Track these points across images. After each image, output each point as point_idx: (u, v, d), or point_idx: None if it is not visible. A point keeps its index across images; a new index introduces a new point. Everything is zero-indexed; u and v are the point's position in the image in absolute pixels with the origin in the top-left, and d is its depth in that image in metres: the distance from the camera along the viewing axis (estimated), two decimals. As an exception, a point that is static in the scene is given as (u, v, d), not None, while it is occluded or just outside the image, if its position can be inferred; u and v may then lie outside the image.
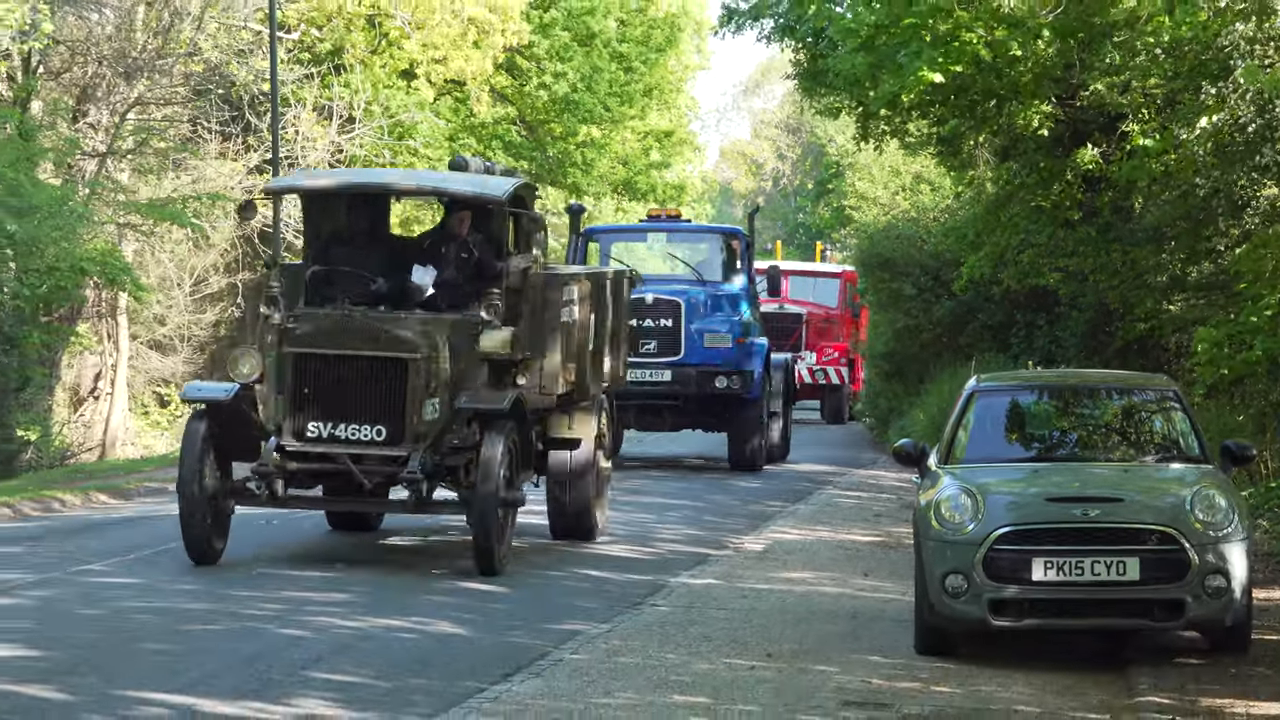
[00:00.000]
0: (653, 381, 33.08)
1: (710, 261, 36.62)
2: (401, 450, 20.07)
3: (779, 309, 50.87)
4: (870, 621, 17.93)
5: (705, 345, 33.67)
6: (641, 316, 32.65)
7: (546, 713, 13.21)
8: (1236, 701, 14.25)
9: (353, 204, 22.71)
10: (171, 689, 13.51)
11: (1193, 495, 15.93)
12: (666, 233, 37.79)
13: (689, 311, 33.92)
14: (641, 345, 32.49)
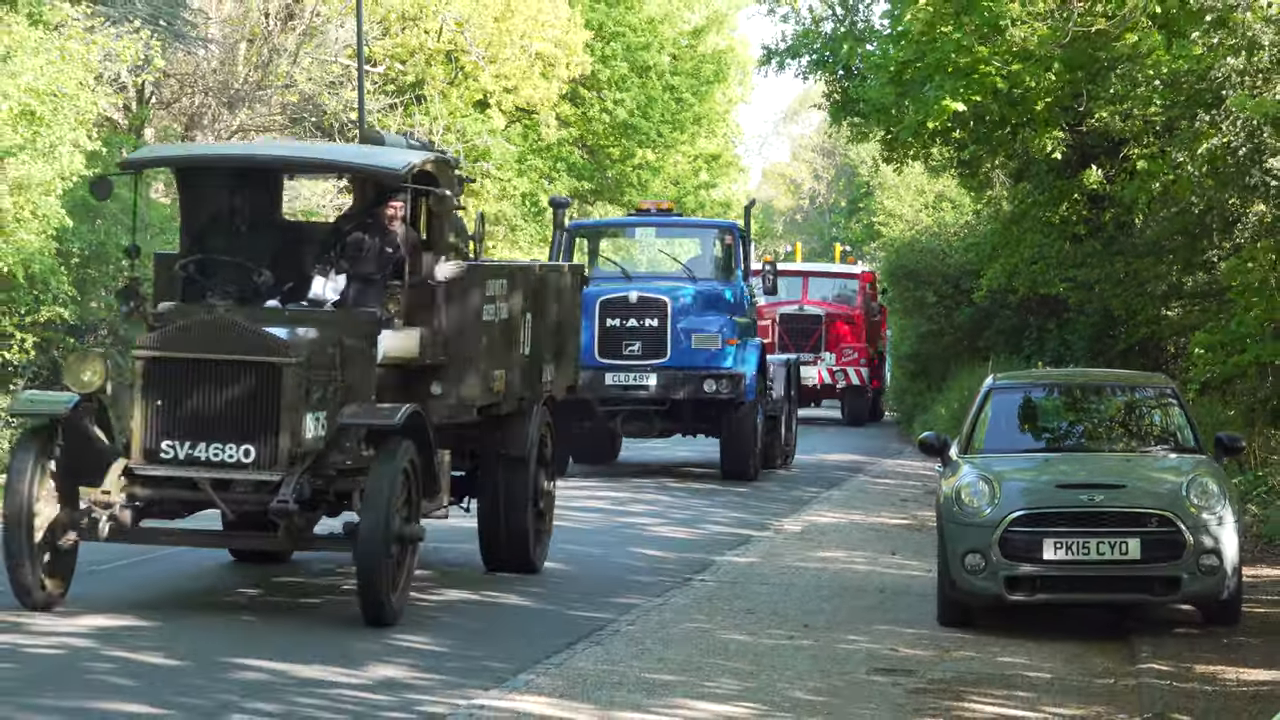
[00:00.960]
0: (637, 386, 28.96)
1: (703, 258, 32.26)
2: (274, 474, 15.22)
3: (799, 310, 49.11)
4: (897, 596, 17.90)
5: (694, 346, 29.23)
6: (625, 316, 29.09)
7: (605, 677, 13.20)
8: (1228, 669, 14.21)
9: (236, 182, 17.77)
10: (265, 656, 13.53)
11: (1188, 482, 15.90)
12: (656, 227, 32.86)
13: (676, 311, 29.38)
14: (626, 347, 28.91)
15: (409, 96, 48.41)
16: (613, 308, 28.97)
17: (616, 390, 28.57)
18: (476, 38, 47.88)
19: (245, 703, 11.86)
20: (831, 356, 48.53)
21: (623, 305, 29.09)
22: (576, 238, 32.12)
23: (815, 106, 60.49)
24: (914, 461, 35.14)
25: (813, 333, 48.52)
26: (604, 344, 28.84)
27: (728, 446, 30.03)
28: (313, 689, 12.46)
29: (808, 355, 46.01)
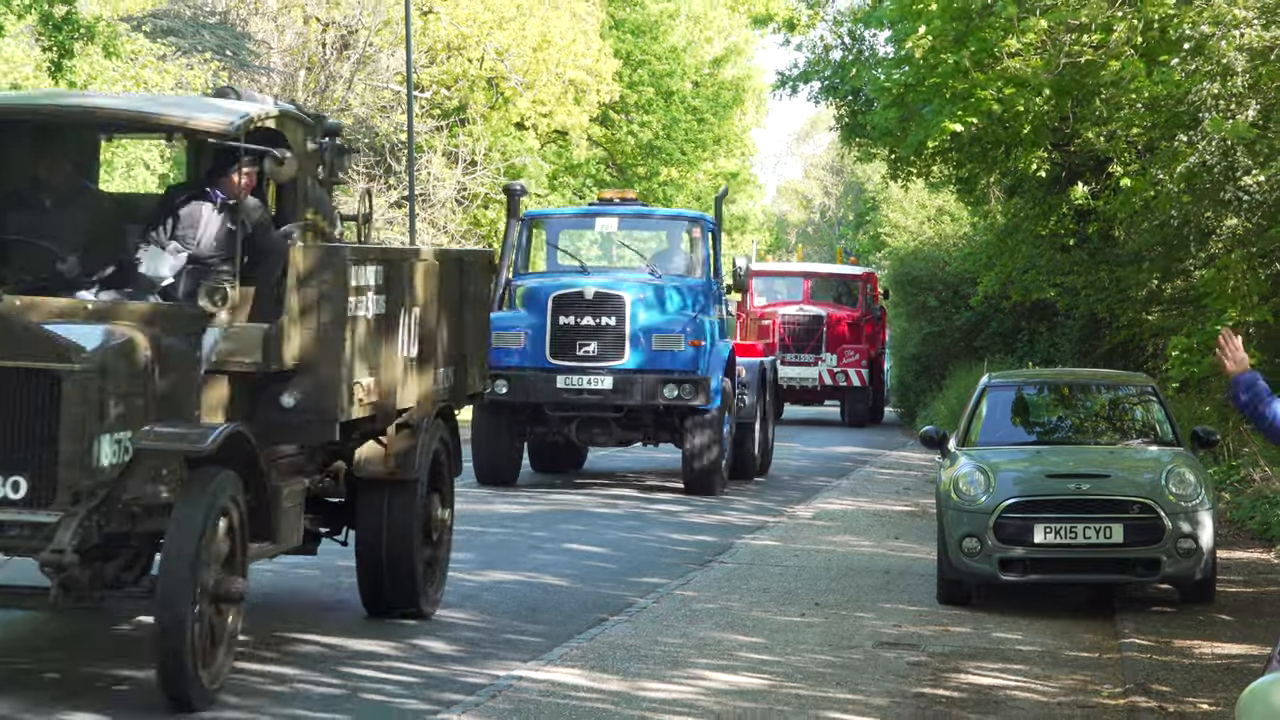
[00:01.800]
0: (591, 390, 24.56)
1: (669, 252, 27.82)
2: (50, 515, 10.80)
3: (800, 311, 46.00)
4: (900, 576, 17.88)
5: (654, 348, 24.80)
6: (580, 314, 24.76)
7: (633, 651, 13.20)
8: (1204, 643, 14.20)
9: (38, 142, 13.17)
10: (321, 632, 13.54)
11: (1167, 472, 15.89)
12: (618, 218, 28.43)
13: (635, 308, 24.92)
14: (580, 347, 24.61)
15: (454, 119, 48.47)
16: (566, 304, 24.92)
17: (568, 394, 24.63)
18: (515, 66, 47.92)
19: (305, 674, 11.87)
20: (833, 357, 45.22)
21: (577, 301, 24.92)
22: (533, 228, 27.72)
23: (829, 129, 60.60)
24: (915, 454, 35.08)
25: (814, 334, 45.47)
26: (556, 343, 24.78)
27: (690, 457, 25.28)
28: (365, 662, 12.47)
29: (808, 356, 44.81)
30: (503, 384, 24.08)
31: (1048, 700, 12.03)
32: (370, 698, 11.25)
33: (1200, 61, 23.04)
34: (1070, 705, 11.87)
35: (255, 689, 11.36)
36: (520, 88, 48.48)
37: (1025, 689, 12.39)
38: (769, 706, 11.37)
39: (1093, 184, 29.82)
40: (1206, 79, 23.13)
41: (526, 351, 24.69)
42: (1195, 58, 23.14)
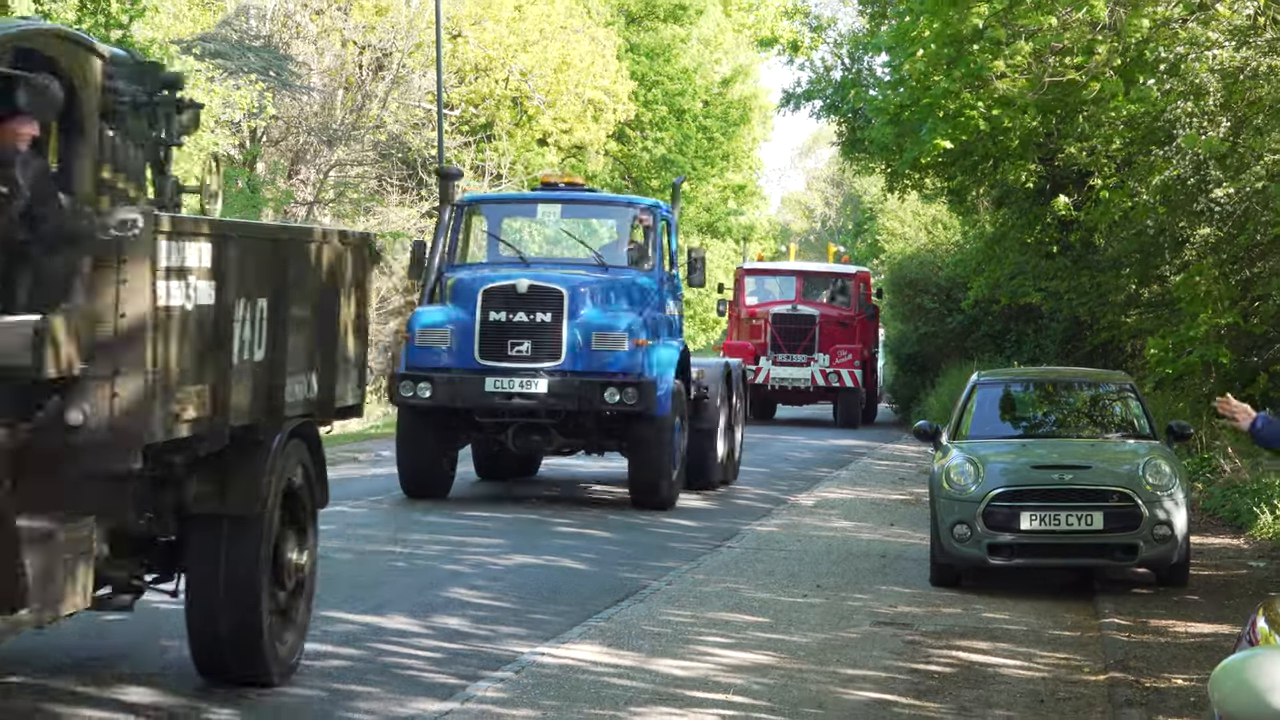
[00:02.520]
0: (523, 394, 20.72)
1: (618, 242, 23.68)
2: None
3: (792, 310, 42.47)
4: (895, 560, 17.87)
5: (594, 347, 21.06)
6: (513, 309, 20.96)
7: (647, 629, 13.19)
8: (1178, 623, 14.18)
9: None
10: (355, 611, 13.55)
11: (1144, 464, 15.88)
12: (561, 204, 24.15)
13: (574, 304, 21.17)
14: (512, 346, 20.88)
15: (481, 136, 48.56)
16: (497, 298, 21.07)
17: (498, 399, 20.87)
18: (538, 86, 47.99)
19: (340, 650, 11.87)
20: (825, 358, 41.58)
21: (509, 295, 21.07)
22: (469, 215, 23.55)
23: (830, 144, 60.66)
24: (910, 446, 35.05)
25: (806, 333, 42.05)
26: (486, 342, 20.98)
27: (636, 467, 21.77)
28: (395, 639, 12.46)
29: (800, 356, 41.68)
30: (426, 387, 20.83)
31: (1032, 676, 12.02)
32: (401, 673, 11.24)
33: (1175, 82, 23.04)
34: (1053, 681, 11.86)
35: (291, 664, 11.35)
36: (542, 106, 48.55)
37: (1012, 666, 12.37)
38: (774, 681, 11.36)
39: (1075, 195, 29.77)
40: (1181, 98, 23.14)
41: (453, 351, 21.10)
42: (1170, 78, 23.15)
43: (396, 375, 21.43)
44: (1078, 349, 34.57)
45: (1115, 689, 11.32)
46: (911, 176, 35.83)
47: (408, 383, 20.96)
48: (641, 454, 21.56)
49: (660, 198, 36.68)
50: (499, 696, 10.50)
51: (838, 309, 43.59)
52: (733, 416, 25.29)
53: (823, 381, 41.64)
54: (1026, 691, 11.43)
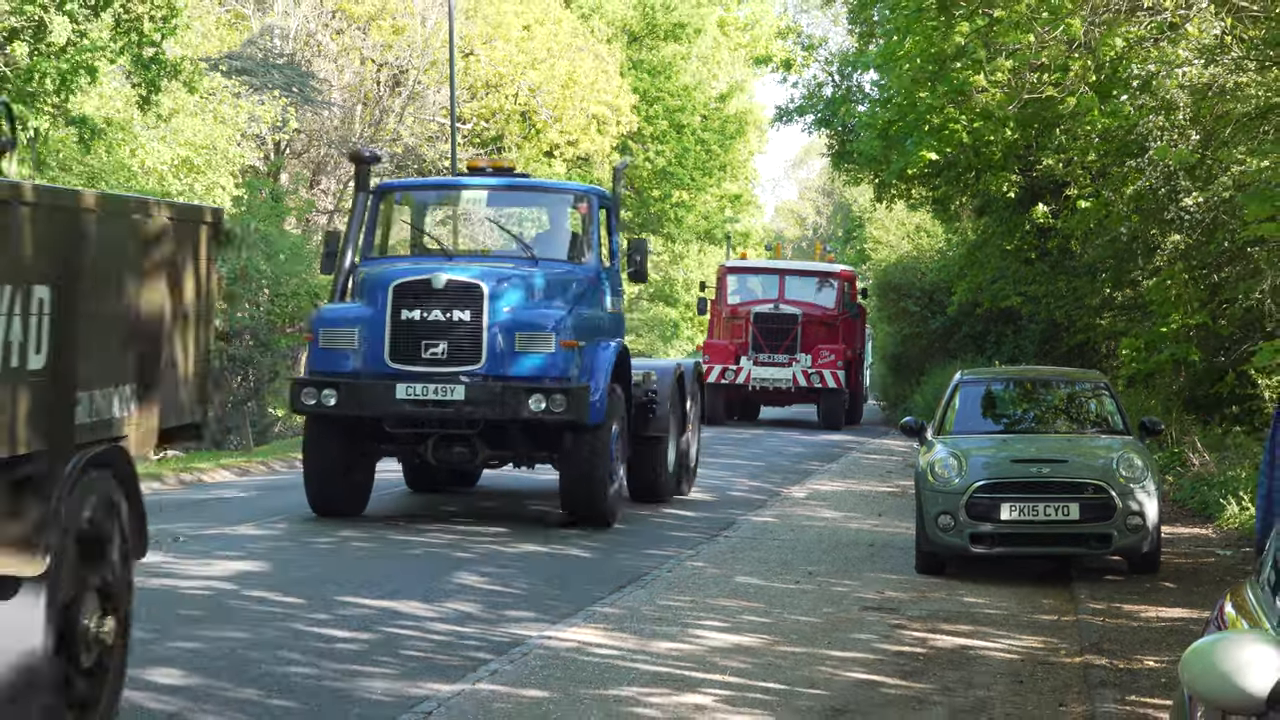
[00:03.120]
0: (438, 401, 17.54)
1: (552, 233, 20.47)
2: None
3: (774, 309, 39.53)
4: (883, 549, 17.84)
5: (517, 349, 17.83)
6: (428, 307, 17.82)
7: (648, 613, 13.17)
8: (1150, 608, 14.16)
9: None
10: (369, 596, 13.53)
11: (1118, 457, 15.86)
12: (487, 190, 20.77)
13: (496, 300, 17.91)
14: (426, 348, 17.75)
15: (491, 148, 48.56)
16: (410, 295, 17.87)
17: (411, 406, 17.69)
18: (546, 101, 48.00)
19: (356, 634, 11.86)
20: (807, 358, 38.69)
21: (423, 292, 17.86)
22: (386, 204, 20.15)
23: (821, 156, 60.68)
24: (897, 442, 35.05)
25: (788, 333, 39.17)
26: (397, 343, 17.79)
27: (567, 481, 18.60)
28: (407, 623, 12.45)
29: (781, 356, 38.83)
30: (331, 394, 17.74)
31: (1012, 658, 12.00)
32: (413, 655, 11.23)
33: (1147, 97, 23.02)
34: (1032, 663, 11.84)
35: (309, 647, 11.34)
36: (550, 120, 48.56)
37: (992, 648, 12.35)
38: (768, 662, 11.34)
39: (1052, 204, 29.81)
40: (1152, 112, 23.12)
41: (361, 353, 17.94)
42: (1142, 94, 23.13)
43: (297, 380, 18.54)
44: (1055, 349, 34.57)
45: (1090, 670, 11.30)
46: (898, 186, 35.86)
47: (310, 389, 17.85)
48: (573, 467, 18.41)
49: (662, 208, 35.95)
50: (507, 678, 10.49)
51: (821, 308, 40.52)
52: (686, 423, 22.22)
53: (804, 382, 38.83)
54: (1006, 673, 11.41)
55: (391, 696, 9.90)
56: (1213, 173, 23.02)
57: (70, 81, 24.16)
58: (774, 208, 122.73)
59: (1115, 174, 25.35)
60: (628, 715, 9.54)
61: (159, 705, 9.47)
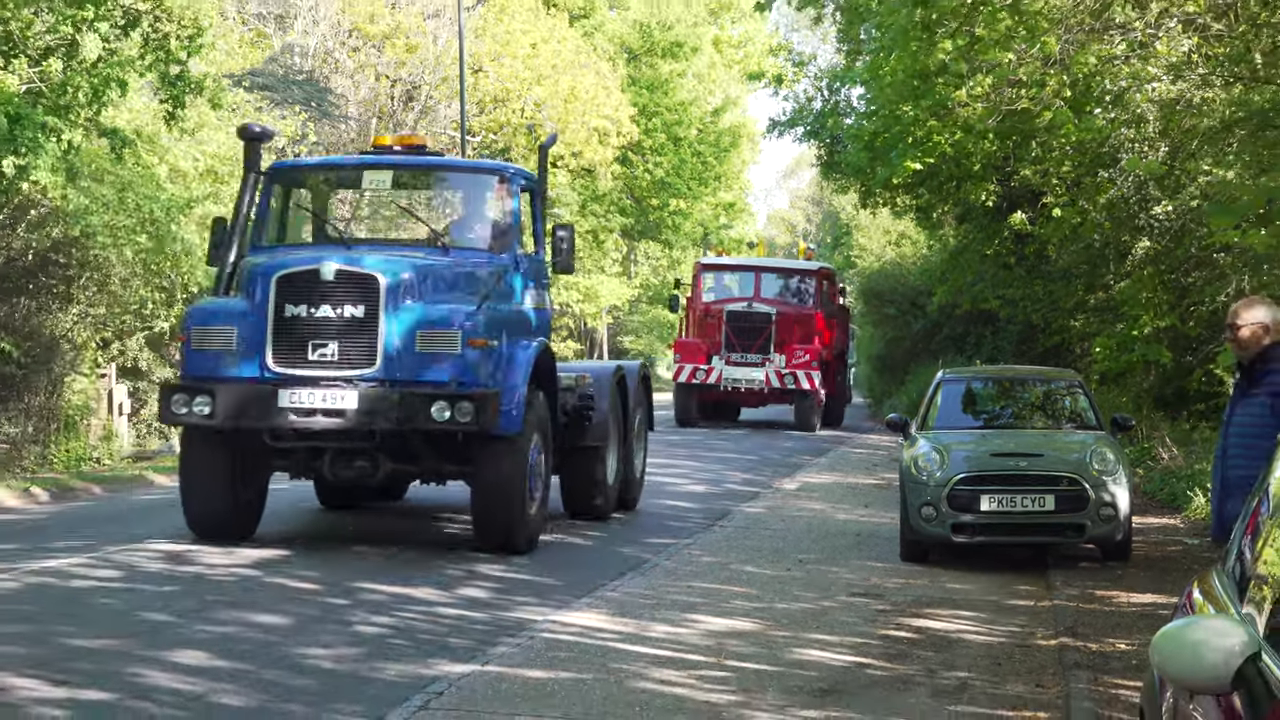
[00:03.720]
0: (327, 410, 14.55)
1: (468, 218, 16.90)
2: None
3: (747, 307, 36.75)
4: (869, 538, 17.85)
5: (418, 349, 14.76)
6: (315, 302, 14.73)
7: (647, 599, 13.17)
8: (1121, 593, 14.16)
9: None
10: (382, 582, 13.53)
11: (1091, 452, 15.86)
12: (392, 171, 17.13)
13: (395, 294, 14.85)
14: (315, 350, 14.66)
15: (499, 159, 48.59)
16: (297, 288, 14.70)
17: (295, 416, 14.46)
18: (550, 115, 48.00)
19: (372, 617, 11.86)
20: (781, 358, 35.95)
21: (311, 284, 14.67)
22: (280, 186, 16.81)
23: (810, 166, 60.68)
24: (882, 436, 35.08)
25: (761, 332, 36.39)
26: (281, 344, 14.68)
27: (477, 500, 15.37)
28: (420, 607, 12.45)
29: (755, 356, 36.15)
30: (205, 402, 14.65)
31: (991, 641, 12.00)
32: (426, 638, 11.23)
33: (1119, 111, 23.06)
34: (1010, 645, 11.84)
35: (329, 630, 11.35)
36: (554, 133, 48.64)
37: (973, 632, 12.35)
38: (760, 646, 11.34)
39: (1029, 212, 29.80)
40: (1124, 126, 23.16)
41: (239, 355, 14.88)
42: (1115, 108, 23.17)
43: (165, 386, 15.32)
44: (1031, 349, 34.59)
45: (1065, 653, 11.30)
46: (883, 195, 35.84)
47: (181, 396, 14.78)
48: (484, 484, 15.20)
49: (660, 215, 34.92)
50: (514, 659, 10.49)
51: (797, 307, 37.65)
52: (630, 430, 19.19)
53: (777, 383, 36.06)
54: (986, 655, 11.41)
55: (405, 677, 9.90)
56: (1181, 183, 23.05)
57: (101, 94, 24.16)
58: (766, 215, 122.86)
59: (1089, 184, 25.37)
60: (628, 695, 9.55)
61: (186, 686, 9.47)
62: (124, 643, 10.62)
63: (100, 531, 16.46)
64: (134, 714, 8.76)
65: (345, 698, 9.31)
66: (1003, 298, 33.97)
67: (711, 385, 36.42)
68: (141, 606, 12.02)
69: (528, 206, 17.27)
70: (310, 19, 43.85)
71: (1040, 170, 27.67)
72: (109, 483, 22.31)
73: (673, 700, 9.46)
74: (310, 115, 40.30)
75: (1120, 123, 23.16)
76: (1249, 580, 5.08)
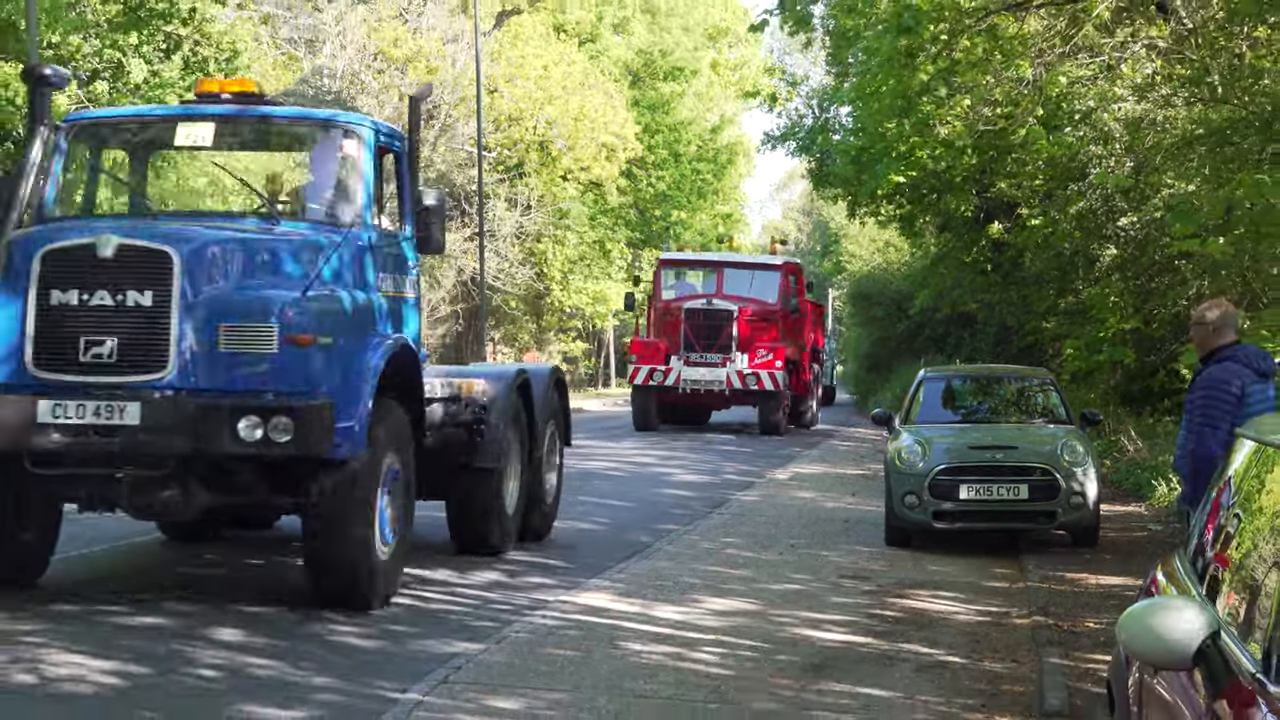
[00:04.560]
0: (102, 426, 10.03)
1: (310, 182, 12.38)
2: None
3: (707, 305, 32.56)
4: (856, 524, 17.83)
5: (221, 347, 10.25)
6: (90, 287, 10.26)
7: (650, 580, 13.16)
8: (1090, 575, 14.14)
9: None
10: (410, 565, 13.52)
11: (1062, 444, 15.85)
12: (214, 123, 11.98)
13: (194, 276, 10.36)
14: (88, 349, 10.22)
15: (513, 173, 48.58)
16: (66, 268, 10.41)
17: (60, 436, 10.21)
18: (561, 132, 48.00)
19: (396, 600, 11.84)
20: (743, 357, 31.95)
21: (87, 265, 10.34)
22: (76, 142, 12.16)
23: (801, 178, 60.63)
24: (868, 430, 35.06)
25: (722, 331, 32.27)
26: (45, 341, 10.40)
27: (309, 542, 11.04)
28: (439, 587, 12.44)
29: (715, 356, 32.08)
30: None
31: (970, 620, 12.00)
32: (446, 617, 11.22)
33: (1087, 129, 23.08)
34: (988, 624, 11.83)
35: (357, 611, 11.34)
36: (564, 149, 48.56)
37: (953, 611, 12.35)
38: (755, 623, 11.34)
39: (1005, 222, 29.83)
40: (1092, 142, 23.18)
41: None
42: (1083, 126, 23.19)
43: None
44: (1007, 349, 34.60)
45: (1038, 631, 11.29)
46: (869, 206, 35.85)
47: None
48: (315, 523, 10.89)
49: (662, 226, 31.93)
50: (528, 636, 10.48)
51: (761, 303, 33.35)
52: (539, 447, 15.08)
53: (739, 384, 31.92)
54: (965, 633, 11.41)
55: (427, 654, 9.90)
56: (1145, 195, 23.06)
57: (145, 115, 24.19)
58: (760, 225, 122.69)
59: (1060, 196, 25.39)
60: (633, 669, 9.55)
61: (223, 659, 9.48)
62: (168, 621, 10.61)
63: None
64: (180, 685, 8.77)
65: (374, 672, 9.32)
66: (980, 301, 34.04)
67: (670, 387, 32.34)
68: (177, 584, 12.00)
69: (391, 170, 12.87)
70: (338, 43, 43.84)
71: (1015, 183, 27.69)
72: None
73: (675, 675, 9.46)
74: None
75: (1089, 139, 23.18)
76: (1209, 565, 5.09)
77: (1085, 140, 23.26)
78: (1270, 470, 4.70)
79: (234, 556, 13.80)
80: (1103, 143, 23.04)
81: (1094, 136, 23.02)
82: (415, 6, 45.61)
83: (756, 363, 31.92)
